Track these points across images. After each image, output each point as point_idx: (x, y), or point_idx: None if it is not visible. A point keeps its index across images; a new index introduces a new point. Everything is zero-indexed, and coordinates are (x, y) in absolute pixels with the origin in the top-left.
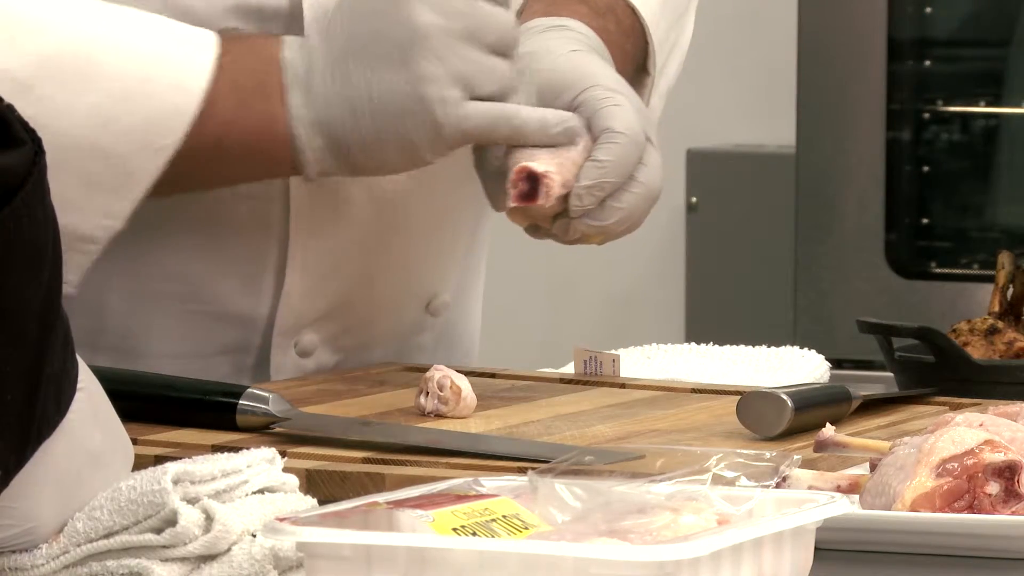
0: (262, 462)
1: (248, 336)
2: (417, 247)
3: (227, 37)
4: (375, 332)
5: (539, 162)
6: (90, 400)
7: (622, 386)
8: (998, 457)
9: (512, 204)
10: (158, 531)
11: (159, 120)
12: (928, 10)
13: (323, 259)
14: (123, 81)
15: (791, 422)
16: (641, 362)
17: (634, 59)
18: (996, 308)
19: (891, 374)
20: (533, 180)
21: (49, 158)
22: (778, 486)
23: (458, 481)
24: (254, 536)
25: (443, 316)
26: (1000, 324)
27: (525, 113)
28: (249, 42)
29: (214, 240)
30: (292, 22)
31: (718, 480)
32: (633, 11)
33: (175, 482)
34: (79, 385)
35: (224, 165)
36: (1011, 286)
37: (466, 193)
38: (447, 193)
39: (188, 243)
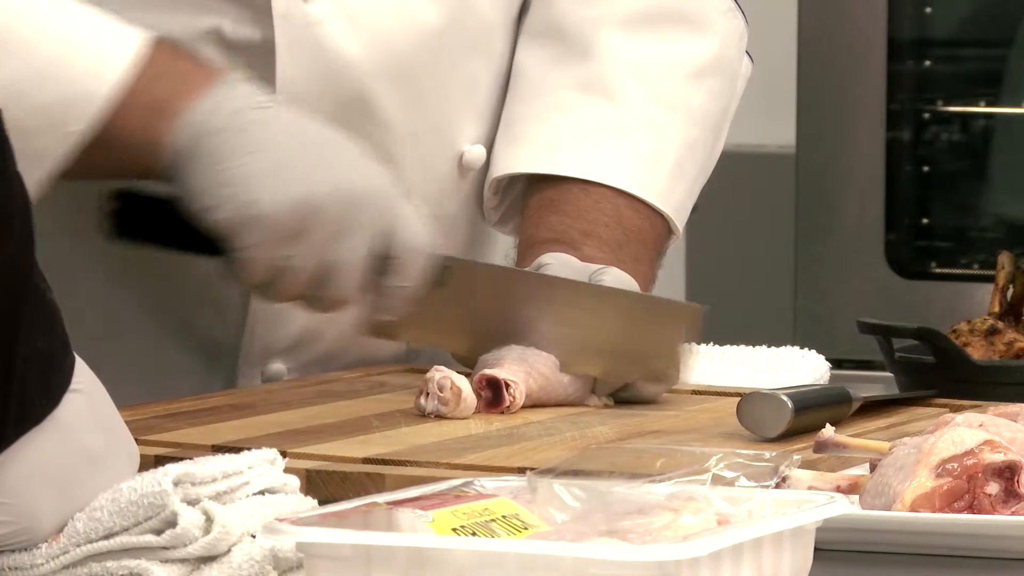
0: (263, 463)
1: (215, 363)
2: None
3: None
4: (347, 364)
5: (501, 369)
6: (90, 402)
7: None
8: (998, 457)
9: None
10: (158, 532)
11: (71, 103)
12: (928, 10)
13: None
14: (39, 57)
15: (791, 423)
16: None
17: (657, 237)
18: (996, 308)
19: (891, 374)
20: (495, 387)
21: None
22: (778, 486)
23: (458, 481)
24: (254, 537)
25: (425, 353)
26: (1000, 324)
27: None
28: (185, 62)
29: (182, 266)
30: (265, 53)
31: (718, 480)
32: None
33: (176, 484)
34: (78, 387)
35: (102, 152)
36: (1011, 286)
37: (444, 224)
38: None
39: (156, 268)
